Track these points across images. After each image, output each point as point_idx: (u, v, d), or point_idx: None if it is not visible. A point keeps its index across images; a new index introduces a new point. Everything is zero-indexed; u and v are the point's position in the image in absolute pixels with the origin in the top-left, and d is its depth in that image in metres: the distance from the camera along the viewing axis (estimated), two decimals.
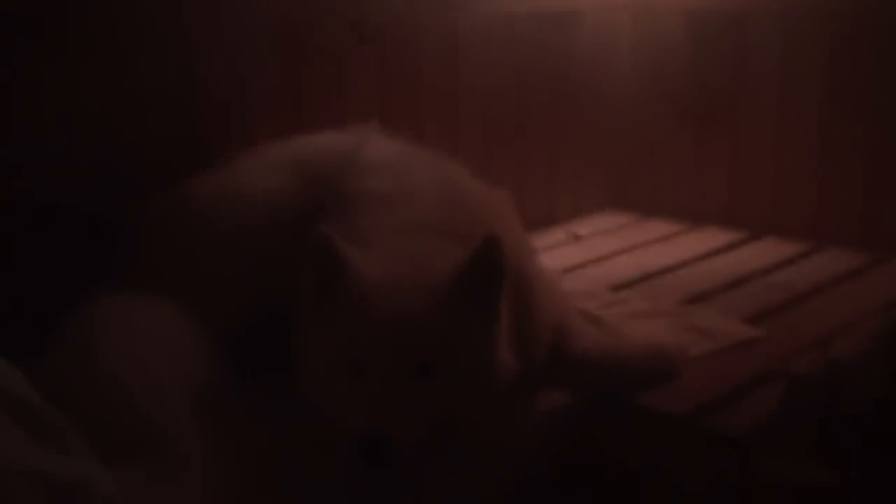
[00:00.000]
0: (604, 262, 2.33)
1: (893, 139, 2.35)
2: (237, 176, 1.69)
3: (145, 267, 1.59)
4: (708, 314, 1.92)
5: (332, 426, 1.33)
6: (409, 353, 1.29)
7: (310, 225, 1.48)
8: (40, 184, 1.68)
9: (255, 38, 1.95)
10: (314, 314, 1.37)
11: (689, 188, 2.73)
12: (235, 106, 1.94)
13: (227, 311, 1.55)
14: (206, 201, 1.65)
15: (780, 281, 2.17)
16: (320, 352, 1.36)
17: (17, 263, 1.64)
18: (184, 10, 1.83)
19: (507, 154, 2.54)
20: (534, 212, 2.61)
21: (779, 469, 1.51)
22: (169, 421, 1.34)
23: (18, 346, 1.31)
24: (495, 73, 2.45)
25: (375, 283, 1.33)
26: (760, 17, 2.50)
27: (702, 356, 1.73)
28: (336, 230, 1.38)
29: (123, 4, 1.75)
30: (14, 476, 1.05)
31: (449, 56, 2.34)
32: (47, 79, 1.67)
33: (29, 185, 1.66)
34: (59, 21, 1.66)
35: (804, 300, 2.04)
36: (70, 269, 1.63)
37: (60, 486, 1.10)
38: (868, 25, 2.33)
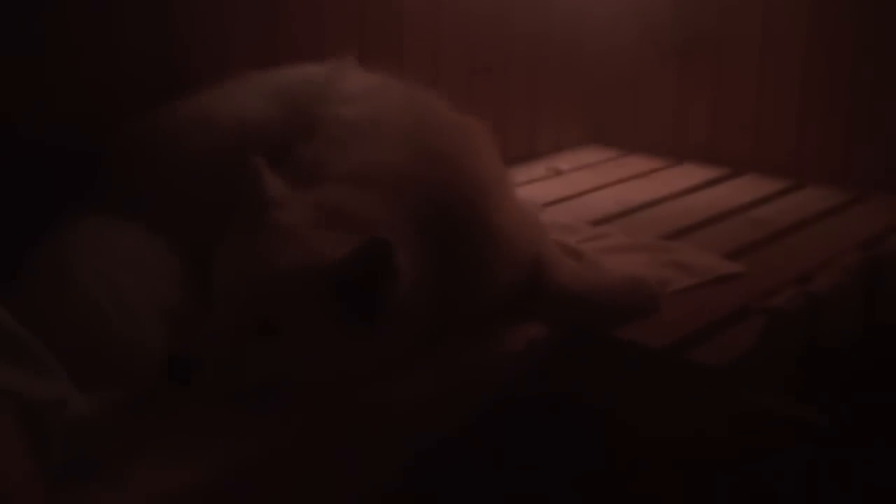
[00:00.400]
0: (584, 197, 2.32)
1: (875, 78, 2.33)
2: (213, 101, 1.67)
3: (120, 189, 1.57)
4: (687, 249, 1.92)
5: None
6: (251, 309, 1.26)
7: (281, 153, 1.47)
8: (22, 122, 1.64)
9: None
10: (227, 234, 1.35)
11: (670, 125, 2.72)
12: (212, 30, 1.89)
13: (200, 235, 1.52)
14: (180, 125, 1.62)
15: (760, 217, 2.16)
16: (213, 272, 1.34)
17: None
18: None
19: (489, 88, 2.51)
20: (515, 146, 2.59)
21: (757, 403, 1.52)
22: (142, 344, 1.33)
23: None
24: (476, 4, 2.41)
25: (271, 233, 1.30)
26: None
27: (681, 291, 1.73)
28: (299, 163, 1.36)
29: None
30: None
31: None
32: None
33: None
34: None
35: (783, 237, 2.04)
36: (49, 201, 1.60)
37: (32, 406, 1.08)
38: None
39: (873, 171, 2.35)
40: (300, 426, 1.29)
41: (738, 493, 1.54)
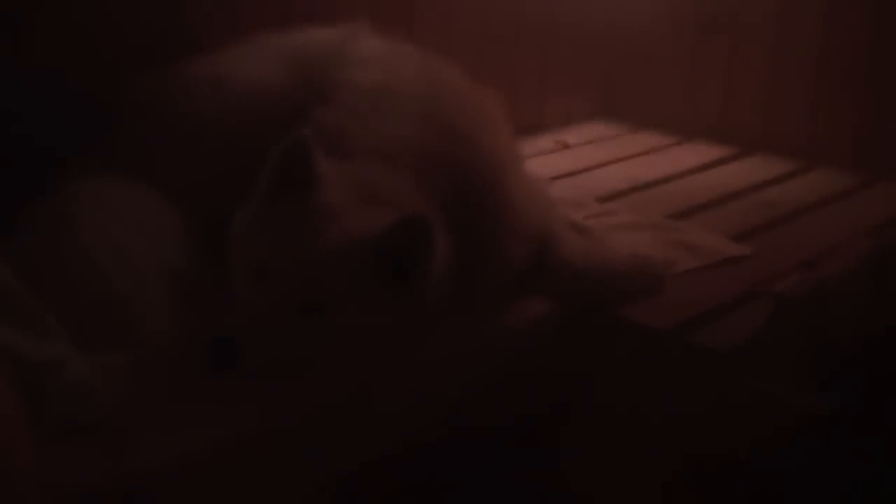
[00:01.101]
0: (592, 173, 2.29)
1: (891, 61, 2.30)
2: (224, 62, 1.65)
3: (125, 147, 1.56)
4: (695, 229, 1.90)
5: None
6: (297, 287, 1.25)
7: (293, 117, 1.44)
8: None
9: None
10: (258, 208, 1.33)
11: (681, 101, 2.69)
12: None
13: (205, 196, 1.51)
14: (192, 85, 1.61)
15: (769, 199, 2.14)
16: (243, 246, 1.32)
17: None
18: None
19: (499, 58, 2.47)
20: (523, 118, 2.56)
21: (760, 388, 1.51)
22: (145, 305, 1.32)
23: None
24: None
25: (317, 210, 1.29)
26: None
27: (687, 272, 1.71)
28: (316, 130, 1.34)
29: None
30: None
31: None
32: None
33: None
34: None
35: (792, 219, 2.02)
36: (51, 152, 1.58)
37: (32, 367, 1.07)
38: None
39: (885, 155, 2.32)
40: (303, 396, 1.28)
41: (741, 478, 1.53)
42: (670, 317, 1.54)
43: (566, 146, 2.50)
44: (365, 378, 1.33)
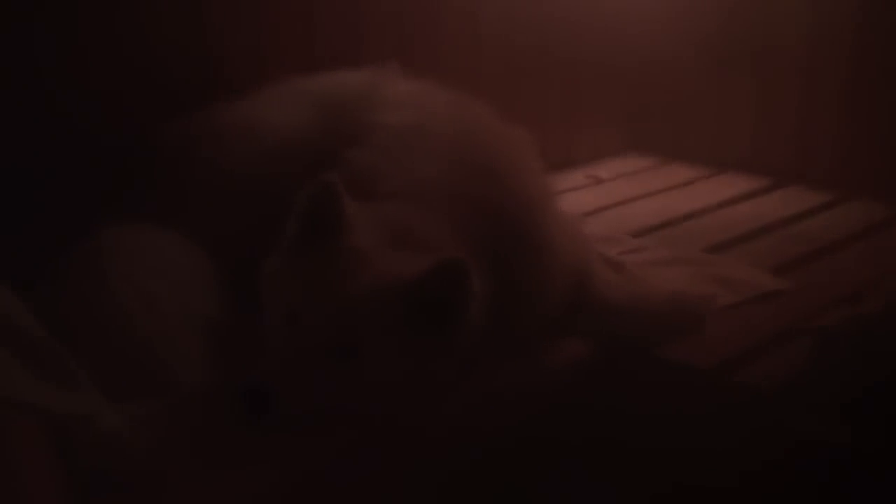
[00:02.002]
0: (624, 207, 2.27)
1: None
2: (254, 108, 1.65)
3: (155, 197, 1.55)
4: (731, 264, 1.87)
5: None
6: (329, 334, 1.23)
7: (325, 162, 1.43)
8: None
9: None
10: (288, 254, 1.32)
11: (711, 133, 2.66)
12: (248, 34, 1.86)
13: (235, 243, 1.50)
14: (221, 133, 1.60)
15: (805, 231, 2.11)
16: (273, 293, 1.31)
17: (28, 194, 1.58)
18: None
19: (527, 94, 2.46)
20: (552, 153, 2.53)
21: (803, 428, 1.47)
22: (175, 354, 1.30)
23: (22, 274, 1.25)
24: (516, 9, 2.36)
25: (345, 255, 1.27)
26: None
27: (726, 308, 1.67)
28: (345, 173, 1.33)
29: None
30: (13, 410, 1.01)
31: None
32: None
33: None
34: None
35: (830, 252, 1.98)
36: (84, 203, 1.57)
37: (62, 421, 1.06)
38: None
39: None
40: (337, 444, 1.25)
41: None
42: (710, 355, 1.51)
43: (598, 181, 2.48)
44: (399, 424, 1.30)
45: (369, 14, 2.05)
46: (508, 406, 1.43)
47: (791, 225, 2.15)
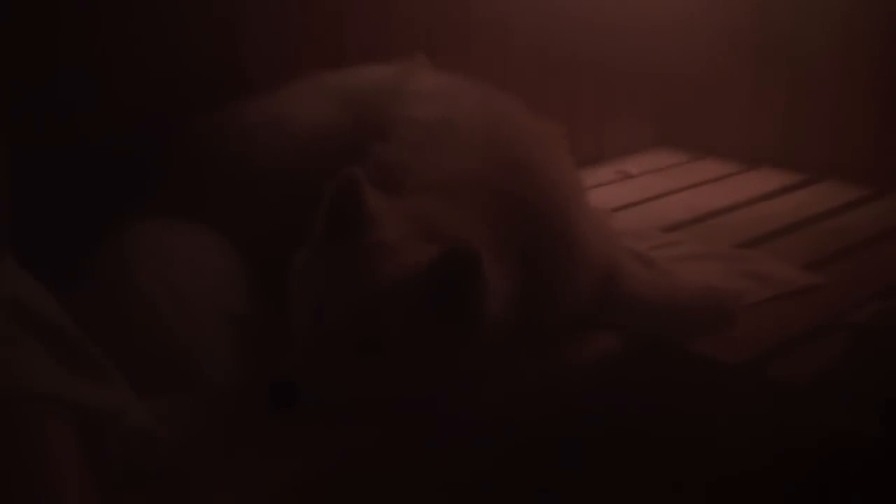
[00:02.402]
0: (654, 202, 2.25)
1: None
2: (282, 104, 1.65)
3: (184, 193, 1.55)
4: (764, 259, 1.85)
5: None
6: (354, 327, 1.24)
7: (354, 156, 1.43)
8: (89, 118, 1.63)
9: None
10: (314, 248, 1.32)
11: (743, 128, 2.63)
12: (277, 30, 1.86)
13: (265, 240, 1.50)
14: (250, 127, 1.61)
15: (839, 226, 2.08)
16: (300, 287, 1.32)
17: (59, 193, 1.59)
18: None
19: (557, 89, 2.45)
20: (582, 149, 2.52)
21: (841, 424, 1.45)
22: (204, 349, 1.30)
23: (53, 271, 1.26)
24: (546, 5, 2.36)
25: (372, 248, 1.28)
26: None
27: (758, 303, 1.66)
28: (373, 167, 1.33)
29: None
30: (45, 404, 1.01)
31: None
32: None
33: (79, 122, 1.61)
34: None
35: (864, 247, 1.95)
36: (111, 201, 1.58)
37: (93, 415, 1.06)
38: None
39: None
40: (363, 437, 1.25)
41: None
42: (741, 351, 1.50)
43: (628, 176, 2.46)
44: (426, 418, 1.30)
45: (398, 9, 2.05)
46: (534, 401, 1.42)
47: (824, 220, 2.12)
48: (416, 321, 1.24)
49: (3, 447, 0.96)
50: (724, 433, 1.48)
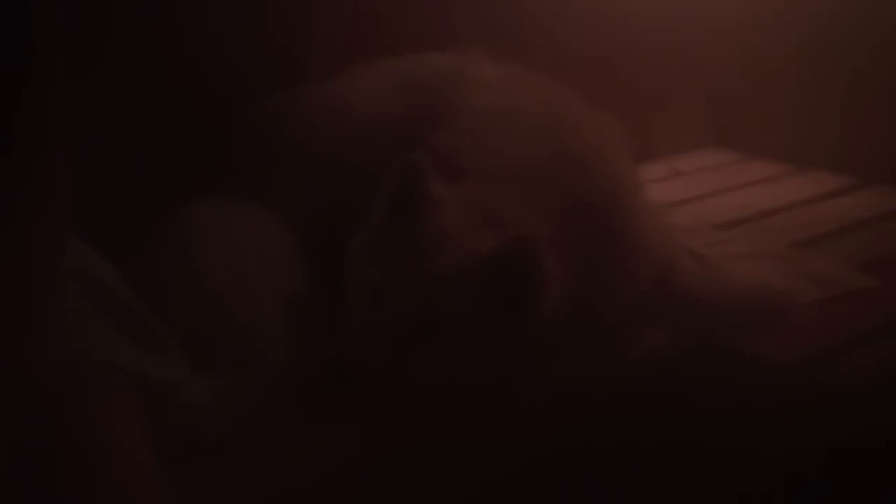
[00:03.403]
0: (706, 200, 2.24)
1: None
2: (340, 90, 1.66)
3: (242, 175, 1.57)
4: (817, 260, 1.83)
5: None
6: (408, 312, 1.25)
7: (412, 143, 1.44)
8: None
9: None
10: (373, 232, 1.34)
11: (796, 130, 2.61)
12: (335, 20, 1.87)
13: (321, 222, 1.51)
14: (308, 112, 1.62)
15: (893, 231, 2.05)
16: (357, 269, 1.33)
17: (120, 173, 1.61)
18: None
19: (610, 86, 2.43)
20: (633, 145, 2.51)
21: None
22: (260, 328, 1.32)
23: (114, 249, 1.28)
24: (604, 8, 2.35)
25: (431, 233, 1.28)
26: None
27: (812, 304, 1.64)
28: (432, 155, 1.34)
29: None
30: (104, 370, 1.03)
31: None
32: None
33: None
34: None
35: None
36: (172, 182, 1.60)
37: (153, 387, 1.08)
38: None
39: None
40: (413, 423, 1.26)
41: None
42: (795, 351, 1.49)
43: (679, 174, 2.45)
44: (476, 407, 1.30)
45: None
46: (585, 398, 1.42)
47: (879, 223, 2.09)
48: (473, 308, 1.25)
49: (69, 415, 0.98)
50: (775, 437, 1.46)
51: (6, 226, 0.92)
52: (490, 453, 1.30)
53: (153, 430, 1.06)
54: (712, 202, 2.22)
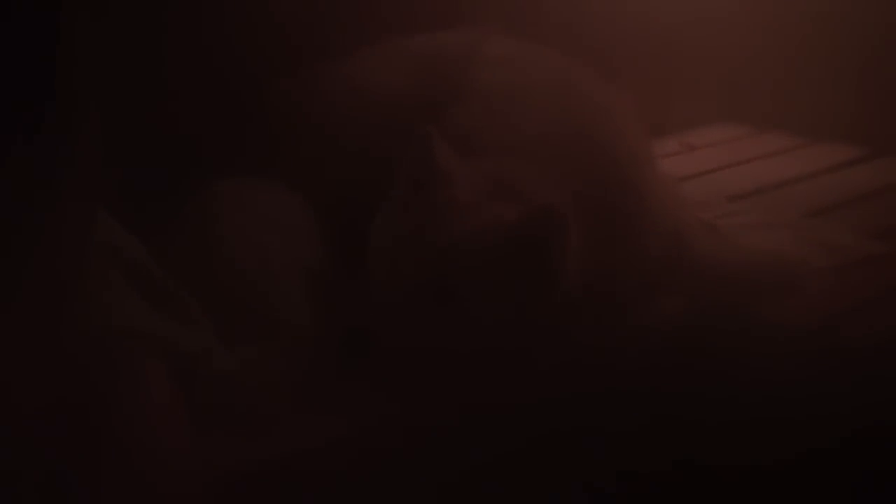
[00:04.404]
0: (719, 174, 2.25)
1: None
2: (357, 67, 1.69)
3: (263, 151, 1.60)
4: (830, 228, 1.85)
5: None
6: (426, 280, 1.27)
7: (428, 119, 1.46)
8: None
9: None
10: (390, 205, 1.36)
11: (810, 102, 2.61)
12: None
13: (341, 199, 1.54)
14: (326, 91, 1.65)
15: None
16: (381, 241, 1.35)
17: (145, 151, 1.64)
18: None
19: (623, 61, 2.44)
20: (647, 120, 2.52)
21: None
22: (284, 302, 1.35)
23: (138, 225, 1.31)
24: None
25: (447, 203, 1.31)
26: None
27: (825, 271, 1.66)
28: (445, 128, 1.36)
29: None
30: (135, 339, 1.06)
31: None
32: None
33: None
34: None
35: None
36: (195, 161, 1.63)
37: (181, 355, 1.11)
38: None
39: None
40: (430, 391, 1.29)
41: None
42: (809, 316, 1.51)
43: (691, 148, 2.46)
44: (492, 375, 1.32)
45: None
46: (594, 363, 1.44)
47: (890, 193, 2.10)
48: (491, 276, 1.27)
49: (100, 382, 1.01)
50: (791, 403, 1.48)
51: (39, 202, 0.94)
52: (507, 422, 1.34)
53: (184, 398, 1.09)
54: (725, 175, 2.23)
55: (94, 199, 1.04)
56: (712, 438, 1.50)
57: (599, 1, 2.35)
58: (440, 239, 1.28)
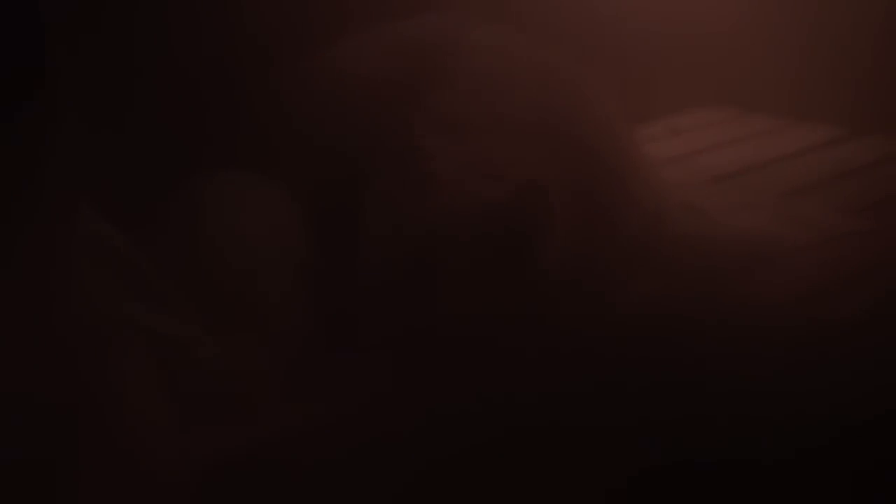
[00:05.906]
0: (702, 156, 2.26)
1: None
2: (339, 56, 1.69)
3: (247, 145, 1.60)
4: (811, 207, 1.87)
5: None
6: (409, 260, 1.29)
7: (410, 105, 1.48)
8: None
9: None
10: (374, 188, 1.38)
11: (792, 83, 2.63)
12: None
13: (325, 186, 1.55)
14: (309, 81, 1.65)
15: (888, 175, 2.08)
16: (367, 226, 1.37)
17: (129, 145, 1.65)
18: None
19: (606, 46, 2.46)
20: (631, 105, 2.53)
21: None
22: (268, 290, 1.36)
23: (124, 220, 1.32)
24: None
25: (424, 182, 1.33)
26: None
27: (806, 246, 1.68)
28: (428, 112, 1.37)
29: None
30: (115, 325, 1.08)
31: None
32: None
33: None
34: None
35: None
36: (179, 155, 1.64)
37: (162, 341, 1.12)
38: None
39: None
40: (418, 375, 1.30)
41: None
42: (790, 291, 1.52)
43: (677, 131, 2.48)
44: (473, 363, 1.33)
45: None
46: (574, 344, 1.45)
47: (870, 170, 2.12)
48: (474, 255, 1.29)
49: (86, 370, 1.02)
50: (771, 374, 1.50)
51: (22, 193, 0.96)
52: (492, 406, 1.35)
53: (168, 385, 1.11)
54: (708, 157, 2.25)
55: (76, 191, 1.06)
56: (695, 428, 1.52)
57: None
58: (424, 217, 1.30)
